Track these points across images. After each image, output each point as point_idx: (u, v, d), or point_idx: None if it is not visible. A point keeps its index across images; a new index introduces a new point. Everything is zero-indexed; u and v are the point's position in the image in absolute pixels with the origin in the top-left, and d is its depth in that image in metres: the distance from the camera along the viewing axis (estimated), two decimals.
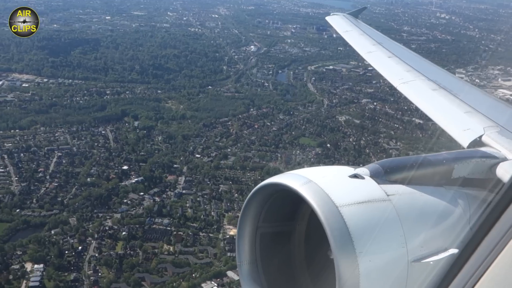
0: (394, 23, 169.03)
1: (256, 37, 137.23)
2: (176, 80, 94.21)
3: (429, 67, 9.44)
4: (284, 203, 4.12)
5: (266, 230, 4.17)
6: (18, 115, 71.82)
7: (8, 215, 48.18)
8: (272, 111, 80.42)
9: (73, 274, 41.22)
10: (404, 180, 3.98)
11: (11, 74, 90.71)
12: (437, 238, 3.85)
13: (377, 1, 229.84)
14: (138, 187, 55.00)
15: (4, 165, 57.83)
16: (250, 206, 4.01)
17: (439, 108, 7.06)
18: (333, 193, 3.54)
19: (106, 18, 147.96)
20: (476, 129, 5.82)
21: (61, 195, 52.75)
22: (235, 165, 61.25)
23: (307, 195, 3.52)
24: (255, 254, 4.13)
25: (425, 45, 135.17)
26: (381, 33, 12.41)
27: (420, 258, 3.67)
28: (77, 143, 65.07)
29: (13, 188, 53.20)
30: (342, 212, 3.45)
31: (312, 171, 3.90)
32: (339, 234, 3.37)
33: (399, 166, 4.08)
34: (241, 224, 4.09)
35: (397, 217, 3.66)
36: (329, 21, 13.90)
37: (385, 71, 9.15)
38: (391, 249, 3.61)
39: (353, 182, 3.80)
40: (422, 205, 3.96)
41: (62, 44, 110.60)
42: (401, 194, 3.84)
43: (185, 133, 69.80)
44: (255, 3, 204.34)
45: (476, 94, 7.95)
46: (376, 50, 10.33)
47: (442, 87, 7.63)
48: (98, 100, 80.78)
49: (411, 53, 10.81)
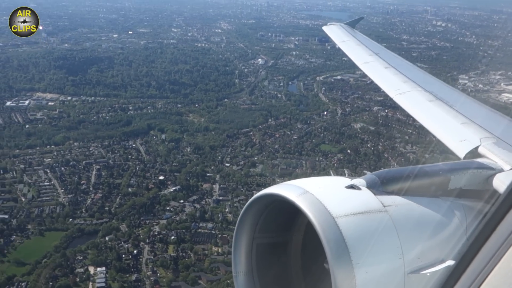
0: (393, 32, 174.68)
1: (262, 50, 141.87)
2: (193, 94, 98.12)
3: (425, 78, 9.51)
4: (280, 214, 4.11)
5: (262, 241, 4.14)
6: (51, 132, 75.27)
7: (63, 224, 51.67)
8: (289, 121, 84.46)
9: (134, 275, 44.68)
10: (401, 191, 3.99)
11: (35, 93, 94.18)
12: (434, 249, 3.83)
13: (374, 11, 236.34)
14: (177, 195, 58.60)
15: (48, 178, 61.22)
16: (246, 217, 4.00)
17: (435, 119, 7.10)
18: (330, 204, 3.54)
19: (114, 36, 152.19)
20: (473, 140, 5.86)
21: (107, 204, 56.27)
22: (264, 172, 65.05)
23: (303, 206, 3.52)
24: (251, 265, 4.11)
25: (425, 52, 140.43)
26: (378, 43, 12.64)
27: (417, 270, 3.65)
28: (111, 156, 68.62)
29: (62, 200, 56.60)
30: (338, 223, 3.44)
31: (308, 181, 3.88)
32: (336, 245, 3.36)
33: (396, 176, 4.10)
34: (237, 235, 4.07)
35: (394, 228, 3.65)
36: (326, 31, 14.04)
37: (382, 82, 9.18)
38: (388, 261, 3.59)
39: (349, 193, 3.81)
40: (418, 216, 3.94)
41: (78, 63, 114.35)
42: (397, 205, 3.83)
43: (211, 144, 73.58)
44: (254, 17, 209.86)
45: (472, 105, 7.95)
46: (373, 60, 10.40)
47: (438, 98, 7.67)
48: (123, 115, 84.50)
49: (407, 63, 10.92)
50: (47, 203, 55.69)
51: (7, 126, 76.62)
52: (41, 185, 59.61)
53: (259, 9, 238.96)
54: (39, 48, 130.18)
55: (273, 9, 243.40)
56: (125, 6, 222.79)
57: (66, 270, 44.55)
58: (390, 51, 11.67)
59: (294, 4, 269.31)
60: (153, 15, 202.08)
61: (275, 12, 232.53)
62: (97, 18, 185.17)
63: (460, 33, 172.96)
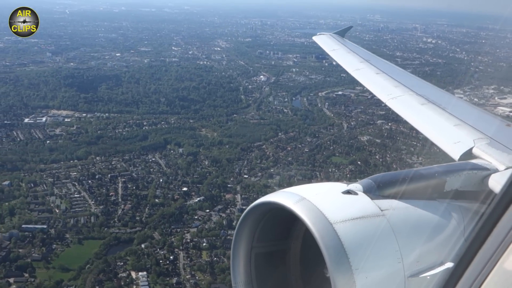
0: (386, 49, 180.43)
1: (263, 68, 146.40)
2: (203, 110, 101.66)
3: (417, 82, 9.60)
4: (278, 222, 4.13)
5: (260, 250, 4.16)
6: (72, 147, 78.07)
7: (99, 233, 54.52)
8: (298, 134, 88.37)
9: (175, 279, 47.63)
10: (397, 195, 4.02)
11: (50, 110, 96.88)
12: (433, 252, 3.85)
13: (365, 29, 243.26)
14: (203, 205, 61.76)
15: (78, 191, 64.05)
16: (244, 227, 4.02)
17: (428, 122, 7.13)
18: (327, 210, 3.56)
19: (117, 55, 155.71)
20: (466, 142, 5.89)
21: (137, 214, 59.22)
22: (282, 183, 68.47)
23: (300, 213, 3.53)
24: (250, 275, 4.13)
25: (420, 68, 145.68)
26: (368, 50, 12.75)
27: (416, 273, 3.67)
28: (134, 169, 71.67)
29: (94, 210, 59.43)
30: (336, 228, 3.45)
31: (304, 188, 3.92)
32: (334, 251, 3.37)
33: (392, 180, 4.13)
34: (235, 245, 4.10)
35: (392, 232, 3.66)
36: (316, 41, 14.20)
37: (374, 87, 9.23)
38: (388, 265, 3.60)
39: (346, 198, 3.83)
40: (416, 219, 3.96)
41: (86, 81, 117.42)
42: (394, 209, 3.85)
43: (228, 157, 77.02)
44: (250, 35, 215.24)
45: (464, 107, 7.99)
46: (364, 67, 10.44)
47: (430, 101, 7.71)
48: (139, 131, 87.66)
49: (398, 69, 11.06)
50: (81, 213, 58.49)
51: (29, 142, 79.27)
52: (72, 197, 62.36)
53: (254, 27, 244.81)
54: (46, 67, 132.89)
55: (267, 28, 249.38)
56: (123, 26, 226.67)
57: (110, 275, 47.41)
58: (381, 58, 11.98)
59: (287, 23, 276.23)
60: (151, 34, 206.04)
61: (269, 31, 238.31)
62: (97, 38, 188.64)
63: (450, 49, 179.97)
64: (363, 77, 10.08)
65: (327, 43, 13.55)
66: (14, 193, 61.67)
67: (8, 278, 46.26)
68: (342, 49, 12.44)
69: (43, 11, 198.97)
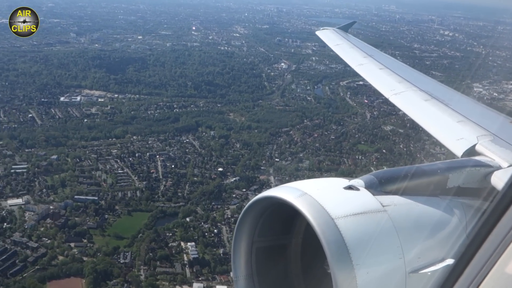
0: (404, 41, 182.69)
1: (283, 55, 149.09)
2: (229, 95, 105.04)
3: (420, 78, 9.54)
4: (279, 217, 4.17)
5: (262, 244, 4.20)
6: (109, 126, 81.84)
7: (146, 206, 58.51)
8: (323, 122, 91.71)
9: (221, 249, 51.54)
10: (399, 191, 4.05)
11: (82, 90, 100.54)
12: (434, 248, 3.88)
13: (381, 19, 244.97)
14: (239, 184, 65.50)
15: (120, 167, 67.92)
16: (245, 220, 4.05)
17: (432, 118, 7.11)
18: (328, 205, 3.58)
19: (139, 37, 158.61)
20: (470, 138, 5.91)
21: (179, 191, 63.04)
22: (311, 168, 72.10)
23: (302, 207, 3.55)
24: (251, 269, 4.17)
25: (438, 61, 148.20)
26: (370, 43, 12.79)
27: (417, 269, 3.68)
28: (170, 149, 75.34)
29: (138, 186, 63.30)
30: (338, 224, 3.47)
31: (306, 183, 3.95)
32: (336, 247, 3.38)
33: (394, 176, 4.16)
34: (236, 238, 4.14)
35: (393, 228, 3.68)
36: (319, 35, 14.20)
37: (377, 83, 9.26)
38: (389, 261, 3.62)
39: (348, 194, 3.86)
40: (418, 215, 3.99)
41: (114, 62, 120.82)
42: (396, 205, 3.87)
43: (258, 141, 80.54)
44: (268, 22, 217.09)
45: (467, 103, 7.92)
46: (367, 62, 10.48)
47: (434, 97, 7.67)
48: (170, 113, 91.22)
49: (402, 64, 10.97)
50: (127, 188, 62.45)
51: (67, 119, 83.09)
52: (116, 172, 66.27)
53: (271, 14, 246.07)
54: (72, 47, 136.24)
55: (283, 15, 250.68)
56: (141, 9, 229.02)
57: (161, 244, 51.44)
58: (384, 53, 11.96)
59: (303, 10, 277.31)
60: (169, 17, 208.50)
61: (285, 18, 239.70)
62: (117, 20, 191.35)
63: (468, 43, 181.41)
64: (366, 72, 10.25)
65: (331, 38, 13.56)
66: (62, 166, 65.60)
67: (69, 242, 50.42)
68: (345, 44, 12.51)
69: None
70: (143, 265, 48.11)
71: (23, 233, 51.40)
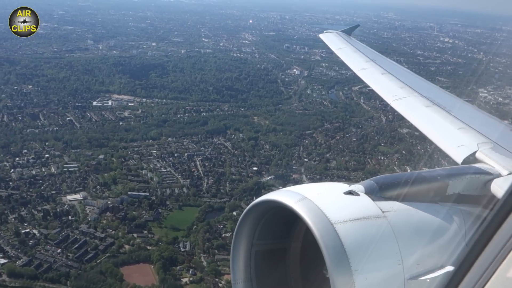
0: (406, 47, 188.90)
1: (294, 62, 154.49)
2: (250, 100, 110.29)
3: (422, 84, 9.61)
4: (279, 220, 4.16)
5: (261, 247, 4.21)
6: (144, 128, 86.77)
7: (195, 202, 63.58)
8: (343, 125, 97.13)
9: None
10: (399, 197, 4.04)
11: (111, 95, 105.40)
12: (433, 255, 3.86)
13: (381, 27, 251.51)
14: (276, 182, 70.59)
15: (163, 166, 72.88)
16: (245, 224, 4.05)
17: (433, 125, 7.19)
18: (328, 210, 3.57)
19: (153, 44, 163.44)
20: (470, 146, 5.90)
21: (221, 188, 68.06)
22: (339, 167, 77.39)
23: (302, 212, 3.55)
24: (250, 272, 4.18)
25: (442, 67, 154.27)
26: (374, 50, 12.67)
27: (416, 276, 3.68)
28: (205, 150, 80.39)
29: (183, 183, 68.26)
30: (337, 229, 3.47)
31: (306, 187, 3.96)
32: (335, 252, 3.38)
33: (394, 182, 4.16)
34: (235, 241, 4.14)
35: (393, 234, 3.67)
36: (323, 38, 14.15)
37: (379, 88, 9.25)
38: (387, 267, 3.61)
39: (348, 199, 3.86)
40: (417, 222, 3.97)
41: (135, 68, 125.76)
42: (396, 211, 3.86)
43: (285, 142, 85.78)
44: (273, 29, 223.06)
45: (469, 111, 7.99)
46: (370, 67, 10.46)
47: (435, 103, 7.70)
48: (199, 116, 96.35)
49: (404, 69, 10.97)
50: (174, 185, 67.42)
51: (104, 123, 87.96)
52: (160, 171, 71.22)
53: (274, 21, 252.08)
54: (91, 54, 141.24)
55: (287, 22, 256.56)
56: (148, 16, 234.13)
57: (215, 235, 56.42)
58: (387, 58, 11.93)
59: (305, 18, 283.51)
60: (178, 25, 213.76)
61: (289, 25, 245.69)
62: (129, 27, 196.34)
63: (468, 49, 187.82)
64: (368, 77, 10.18)
65: (334, 41, 13.54)
66: (110, 165, 70.45)
67: (131, 233, 55.27)
68: (348, 47, 12.44)
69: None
70: (202, 253, 53.13)
71: (89, 225, 56.22)
